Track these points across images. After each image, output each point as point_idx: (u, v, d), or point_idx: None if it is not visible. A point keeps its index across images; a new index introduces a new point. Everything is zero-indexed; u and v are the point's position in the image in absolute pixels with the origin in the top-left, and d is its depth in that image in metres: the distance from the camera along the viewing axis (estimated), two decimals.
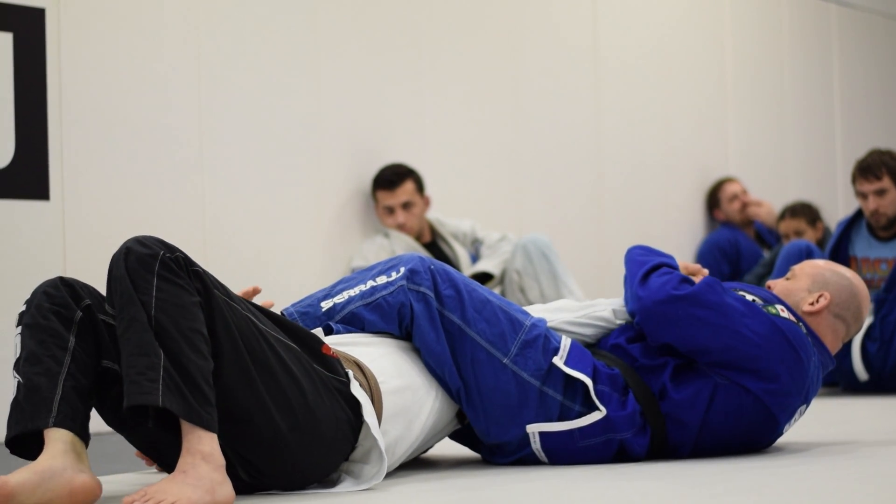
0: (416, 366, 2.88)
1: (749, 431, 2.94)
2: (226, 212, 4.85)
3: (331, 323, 2.90)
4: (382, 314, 2.89)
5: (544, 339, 2.90)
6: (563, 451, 2.89)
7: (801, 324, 2.99)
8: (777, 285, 3.15)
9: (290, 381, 2.51)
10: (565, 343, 2.91)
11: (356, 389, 2.64)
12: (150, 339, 2.37)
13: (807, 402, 2.99)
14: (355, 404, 2.62)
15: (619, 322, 3.07)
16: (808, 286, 3.09)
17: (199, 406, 2.35)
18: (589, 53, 6.62)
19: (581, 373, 2.86)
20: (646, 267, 3.01)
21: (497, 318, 2.89)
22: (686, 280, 2.93)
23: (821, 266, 3.14)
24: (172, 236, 4.61)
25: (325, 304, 2.93)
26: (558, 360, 2.87)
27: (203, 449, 2.35)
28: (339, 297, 2.93)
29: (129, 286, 2.42)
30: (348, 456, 2.66)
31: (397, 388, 2.77)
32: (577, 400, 2.88)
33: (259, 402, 2.47)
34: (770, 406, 2.89)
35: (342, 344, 2.82)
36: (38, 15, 4.28)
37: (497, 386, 2.87)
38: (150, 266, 2.44)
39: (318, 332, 2.84)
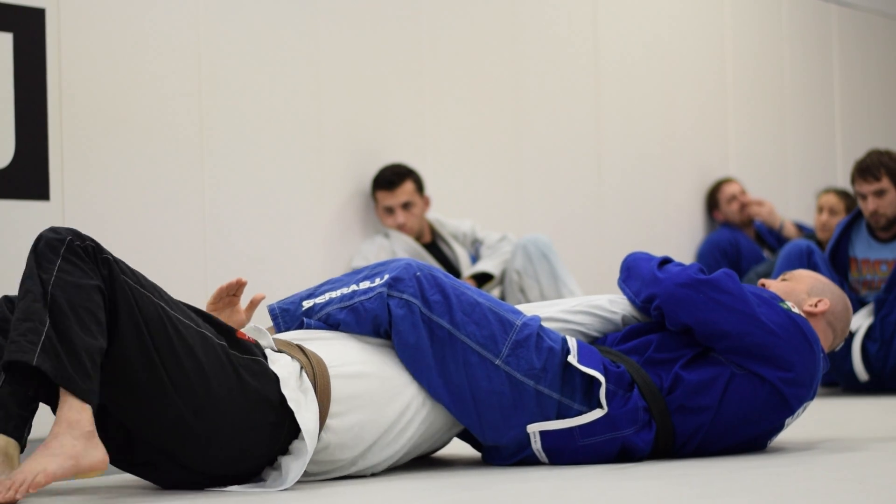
0: (391, 359, 2.88)
1: (761, 418, 2.95)
2: (226, 212, 4.85)
3: (305, 319, 2.93)
4: (357, 318, 2.89)
5: (537, 338, 2.89)
6: (564, 451, 2.89)
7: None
8: (772, 285, 3.19)
9: (196, 365, 2.54)
10: (573, 343, 2.92)
11: (277, 367, 2.66)
12: (39, 308, 2.43)
13: (813, 397, 3.01)
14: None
15: (615, 311, 3.09)
16: (807, 290, 3.16)
17: (74, 374, 2.39)
18: (589, 54, 6.62)
19: (594, 370, 2.87)
20: (658, 259, 3.09)
21: (487, 320, 2.89)
22: (702, 270, 3.00)
23: (816, 276, 3.23)
24: (172, 236, 4.63)
25: (307, 304, 2.96)
26: (572, 359, 2.87)
27: (70, 416, 2.39)
28: (320, 297, 2.95)
29: (34, 266, 2.51)
30: (290, 439, 2.66)
31: (358, 372, 2.79)
32: (576, 398, 2.88)
33: (160, 387, 2.51)
34: (785, 394, 2.92)
35: (305, 339, 2.85)
36: (38, 15, 4.28)
37: (491, 388, 2.86)
38: (57, 249, 2.51)
39: (254, 330, 2.84)
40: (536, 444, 2.90)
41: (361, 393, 2.78)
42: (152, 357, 2.51)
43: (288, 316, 2.95)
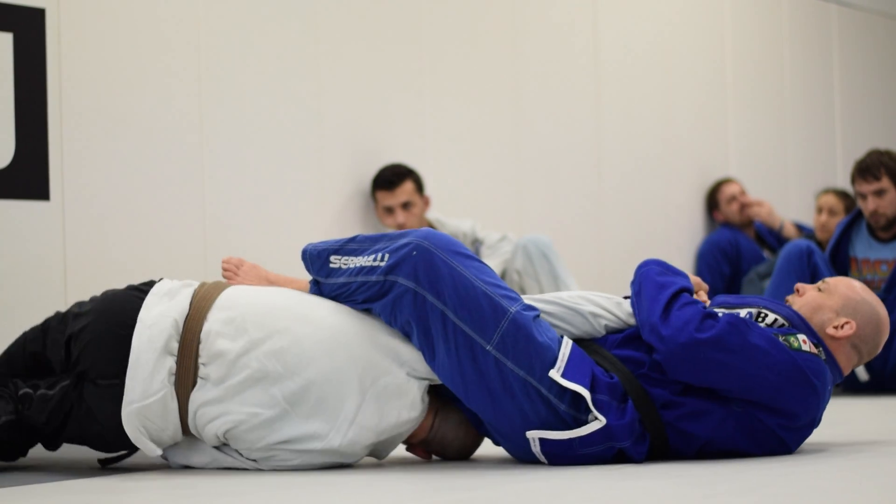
0: (324, 306, 3.00)
1: (756, 451, 2.93)
2: (226, 212, 4.85)
3: (321, 281, 3.07)
4: (348, 294, 3.02)
5: (530, 330, 2.88)
6: (563, 456, 2.89)
7: (820, 348, 2.97)
8: (807, 293, 3.09)
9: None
10: (564, 352, 2.89)
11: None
12: None
13: (818, 420, 3.00)
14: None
15: (578, 303, 3.04)
16: (838, 308, 3.04)
17: None
18: (589, 54, 6.62)
19: (579, 384, 2.85)
20: (665, 295, 2.94)
21: (479, 306, 2.88)
22: (709, 315, 2.87)
23: (857, 290, 3.07)
24: (172, 236, 4.63)
25: (333, 262, 3.04)
26: (555, 374, 2.85)
27: None
28: (344, 261, 3.03)
29: None
30: None
31: (255, 291, 3.03)
32: (565, 399, 2.86)
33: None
34: (785, 438, 2.90)
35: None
36: (38, 15, 4.28)
37: (480, 371, 2.87)
38: None
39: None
40: (536, 448, 2.90)
41: (249, 301, 2.96)
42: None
43: (317, 262, 3.07)
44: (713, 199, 7.27)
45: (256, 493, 2.66)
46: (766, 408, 2.87)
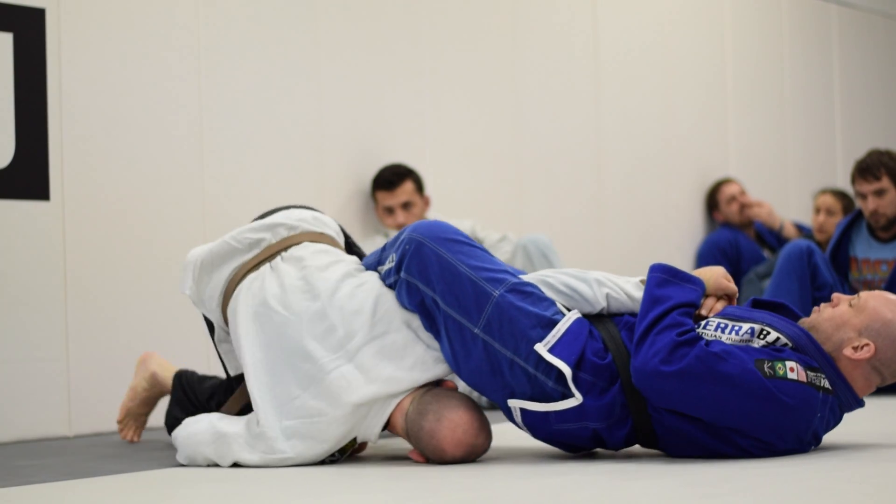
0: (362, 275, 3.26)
1: (743, 456, 2.93)
2: (226, 212, 4.85)
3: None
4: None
5: (515, 312, 2.94)
6: (541, 429, 2.97)
7: (818, 373, 2.90)
8: (839, 305, 2.99)
9: None
10: (561, 328, 2.92)
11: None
12: None
13: (806, 444, 2.96)
14: None
15: (597, 273, 3.06)
16: (861, 328, 2.93)
17: None
18: (589, 54, 6.62)
19: (562, 361, 2.88)
20: (653, 314, 2.88)
21: (464, 291, 2.98)
22: (684, 343, 2.80)
23: (886, 309, 2.95)
24: (172, 236, 4.63)
25: (380, 273, 3.24)
26: (541, 347, 2.90)
27: None
28: (384, 270, 3.20)
29: None
30: None
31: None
32: (552, 375, 2.91)
33: None
34: (759, 455, 2.89)
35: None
36: (38, 15, 4.28)
37: (470, 353, 2.96)
38: None
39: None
40: (518, 418, 2.98)
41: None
42: None
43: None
44: (713, 200, 7.27)
45: (255, 491, 2.66)
46: (737, 432, 2.86)
